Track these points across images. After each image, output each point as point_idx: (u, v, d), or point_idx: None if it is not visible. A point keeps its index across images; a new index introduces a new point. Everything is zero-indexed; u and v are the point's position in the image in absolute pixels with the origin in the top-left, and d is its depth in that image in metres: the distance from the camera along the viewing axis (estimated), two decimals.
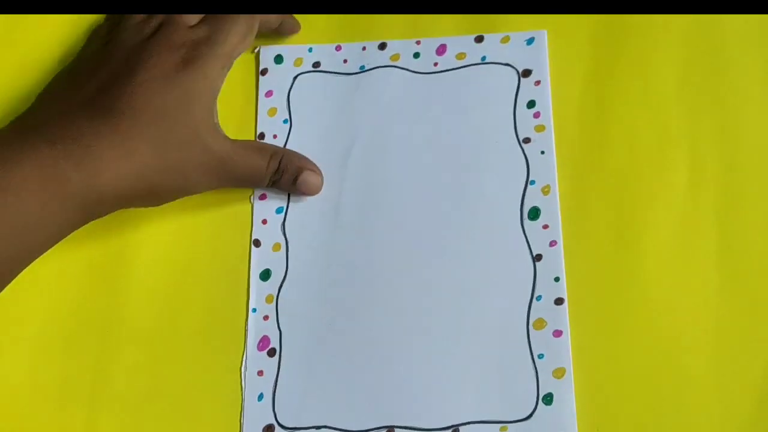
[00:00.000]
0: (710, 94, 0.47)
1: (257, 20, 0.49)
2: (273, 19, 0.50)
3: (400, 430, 0.43)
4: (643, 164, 0.46)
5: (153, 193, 0.43)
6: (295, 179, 0.47)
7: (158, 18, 0.47)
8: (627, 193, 0.46)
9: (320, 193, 0.48)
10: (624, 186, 0.46)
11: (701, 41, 0.48)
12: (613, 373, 0.43)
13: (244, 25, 0.47)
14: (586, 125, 0.47)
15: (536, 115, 0.48)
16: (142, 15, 0.47)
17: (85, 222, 0.42)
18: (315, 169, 0.47)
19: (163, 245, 0.47)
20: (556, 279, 0.44)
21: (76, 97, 0.44)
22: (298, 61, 0.51)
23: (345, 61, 0.51)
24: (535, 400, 0.42)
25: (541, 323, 0.44)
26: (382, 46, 0.51)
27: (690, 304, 0.43)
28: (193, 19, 0.47)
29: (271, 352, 0.45)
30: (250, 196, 0.49)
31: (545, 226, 0.46)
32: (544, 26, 0.50)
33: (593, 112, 0.48)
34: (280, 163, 0.46)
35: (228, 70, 0.47)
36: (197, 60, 0.44)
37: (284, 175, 0.46)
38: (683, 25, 0.49)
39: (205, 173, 0.44)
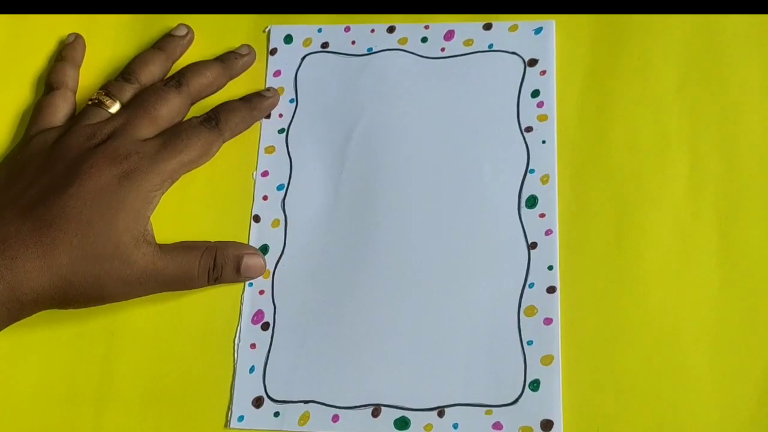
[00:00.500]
0: (710, 91, 0.47)
1: (219, 142, 0.48)
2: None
3: (386, 408, 0.43)
4: (643, 160, 0.46)
5: (70, 302, 0.44)
6: (238, 269, 0.46)
7: (111, 126, 0.47)
8: (626, 187, 0.46)
9: (322, 172, 0.48)
10: (623, 179, 0.46)
11: (702, 40, 0.48)
12: (602, 363, 0.43)
13: (199, 147, 0.47)
14: (589, 117, 0.48)
15: (540, 105, 0.48)
16: (94, 121, 0.47)
17: (11, 323, 0.43)
18: (254, 252, 0.47)
19: (165, 219, 0.48)
20: (550, 267, 0.45)
21: (14, 202, 0.44)
22: (307, 41, 0.52)
23: (353, 42, 0.51)
24: (521, 385, 0.43)
25: (532, 310, 0.44)
26: (391, 30, 0.51)
27: (685, 301, 0.43)
28: (149, 132, 0.47)
29: (265, 326, 0.46)
30: (253, 173, 0.49)
31: (542, 215, 0.46)
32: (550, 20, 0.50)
33: (596, 105, 0.48)
34: (215, 259, 0.45)
35: (171, 183, 0.47)
36: (135, 174, 0.45)
37: (224, 269, 0.46)
38: (684, 24, 0.49)
39: (125, 285, 0.44)
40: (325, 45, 0.51)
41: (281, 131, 0.50)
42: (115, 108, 0.49)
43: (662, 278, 0.44)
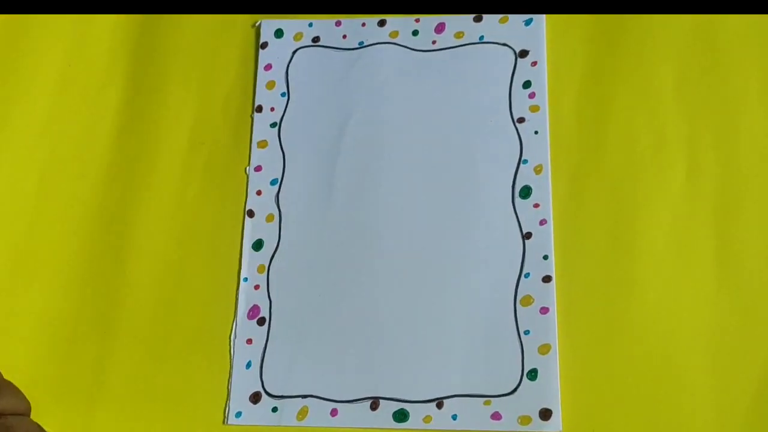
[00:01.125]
0: (708, 90, 0.48)
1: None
2: None
3: (385, 401, 0.43)
4: (637, 149, 0.47)
5: None
6: None
7: None
8: (620, 176, 0.46)
9: (315, 165, 0.48)
10: (617, 169, 0.46)
11: (700, 40, 0.49)
12: (600, 351, 0.43)
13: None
14: (581, 107, 0.48)
15: (531, 96, 0.48)
16: None
17: None
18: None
19: (159, 217, 0.48)
20: (545, 257, 0.45)
21: None
22: (298, 36, 0.52)
23: (344, 36, 0.51)
24: (519, 375, 0.43)
25: (528, 300, 0.44)
26: (382, 23, 0.51)
27: (681, 289, 0.44)
28: None
29: (261, 321, 0.46)
30: (245, 168, 0.49)
31: (536, 205, 0.46)
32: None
33: (589, 95, 0.48)
34: None
35: None
36: None
37: None
38: (682, 23, 0.49)
39: None
40: (316, 39, 0.51)
41: (273, 125, 0.50)
42: None
43: (658, 266, 0.44)
